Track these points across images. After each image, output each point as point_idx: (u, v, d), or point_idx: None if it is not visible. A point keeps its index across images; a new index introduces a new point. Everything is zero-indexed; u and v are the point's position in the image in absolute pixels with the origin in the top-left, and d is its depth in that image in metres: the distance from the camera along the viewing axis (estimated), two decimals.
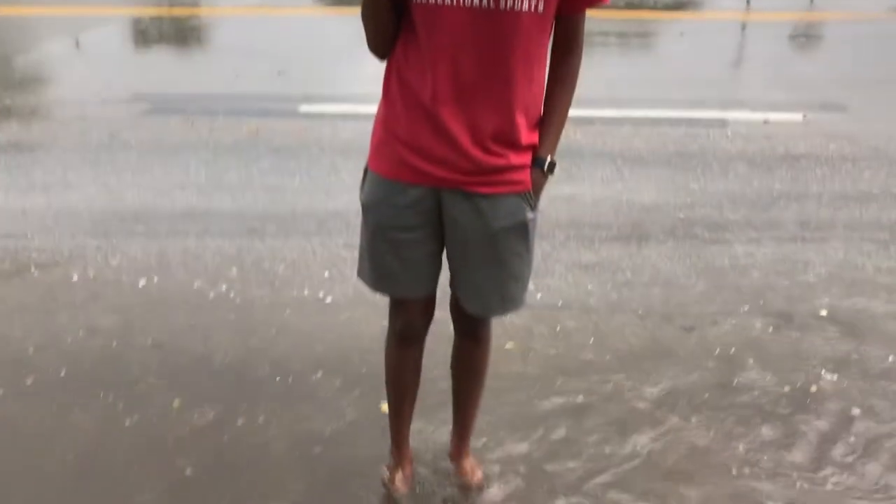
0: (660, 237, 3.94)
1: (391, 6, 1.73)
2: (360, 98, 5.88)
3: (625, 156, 5.09)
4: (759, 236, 3.96)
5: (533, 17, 1.70)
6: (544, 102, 1.87)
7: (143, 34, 9.31)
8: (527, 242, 1.92)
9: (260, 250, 3.76)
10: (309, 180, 4.68)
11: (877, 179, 4.71)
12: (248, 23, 9.91)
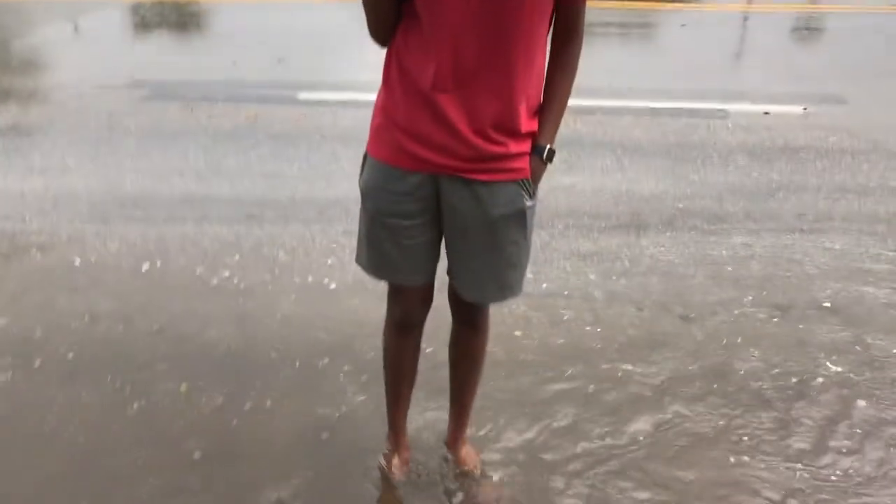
0: (659, 227, 3.94)
1: None
2: (360, 86, 5.86)
3: (625, 146, 5.08)
4: (758, 228, 3.96)
5: (534, 4, 1.69)
6: (544, 90, 1.86)
7: (143, 19, 9.27)
8: (525, 230, 1.92)
9: (259, 236, 3.76)
10: (308, 167, 4.67)
11: (875, 172, 4.70)
12: (248, 9, 9.87)
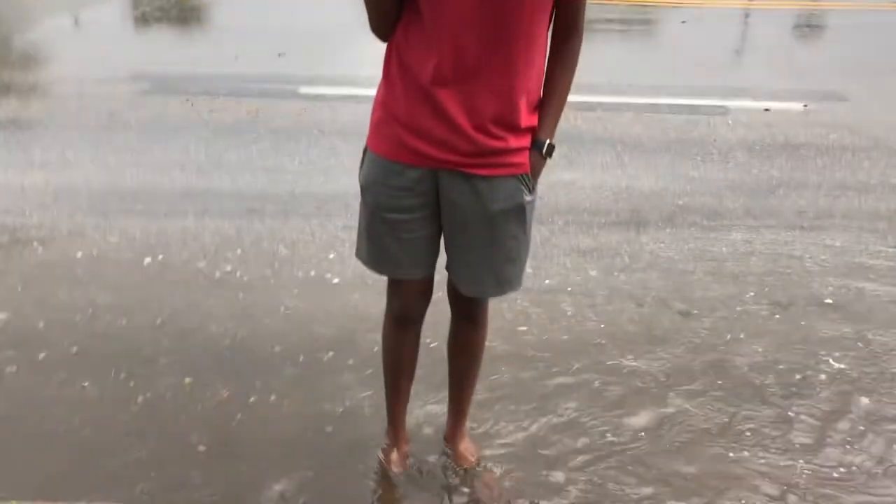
0: (659, 224, 3.94)
1: None
2: (360, 81, 5.85)
3: (625, 142, 5.08)
4: (758, 224, 3.96)
5: (535, 0, 1.69)
6: (544, 85, 1.86)
7: (144, 13, 9.26)
8: (524, 225, 1.92)
9: (260, 231, 3.76)
10: (308, 162, 4.67)
11: (876, 170, 4.70)
12: (249, 3, 9.85)
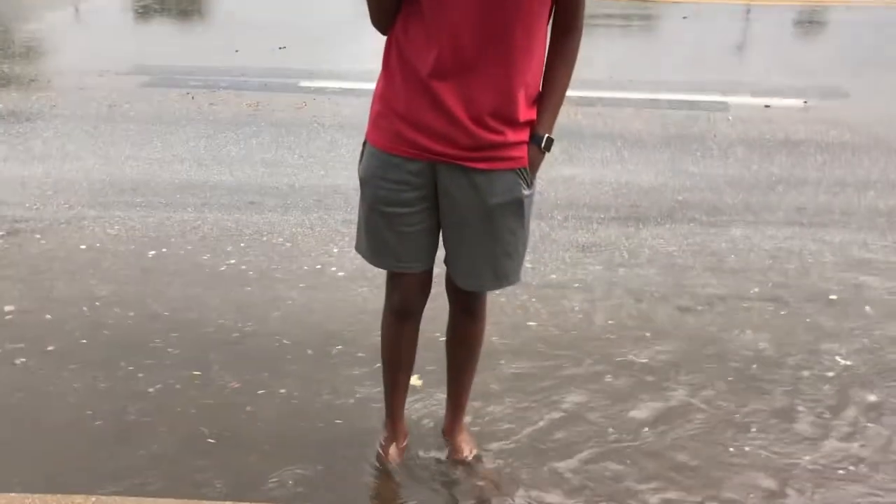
0: (658, 219, 3.94)
1: None
2: (360, 74, 5.86)
3: (625, 137, 5.08)
4: (757, 220, 3.96)
5: None
6: (543, 80, 1.87)
7: (145, 6, 9.25)
8: (522, 219, 1.92)
9: (259, 224, 3.76)
10: (308, 155, 4.67)
11: (876, 167, 4.70)
12: None
